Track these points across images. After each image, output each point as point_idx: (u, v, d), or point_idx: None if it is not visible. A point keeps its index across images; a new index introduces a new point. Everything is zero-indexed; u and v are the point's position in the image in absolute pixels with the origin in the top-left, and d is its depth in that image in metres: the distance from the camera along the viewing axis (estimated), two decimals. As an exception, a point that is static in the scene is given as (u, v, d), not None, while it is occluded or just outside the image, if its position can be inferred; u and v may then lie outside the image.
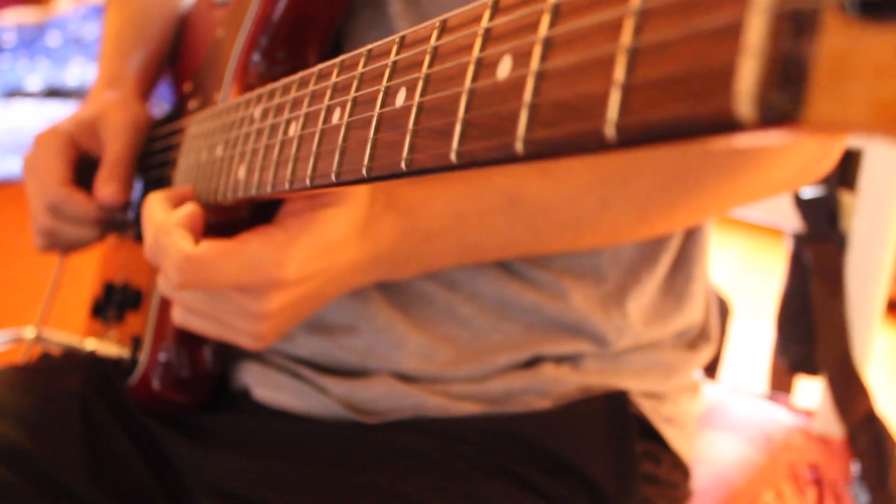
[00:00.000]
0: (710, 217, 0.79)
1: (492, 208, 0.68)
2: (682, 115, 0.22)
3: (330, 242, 0.62)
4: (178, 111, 0.88)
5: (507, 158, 0.30)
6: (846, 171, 0.99)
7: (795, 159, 0.72)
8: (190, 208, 0.63)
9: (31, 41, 2.43)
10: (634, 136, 0.24)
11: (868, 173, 0.97)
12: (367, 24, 0.73)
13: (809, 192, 1.00)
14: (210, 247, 0.60)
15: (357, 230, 0.63)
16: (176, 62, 0.98)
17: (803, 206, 1.01)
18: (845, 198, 0.99)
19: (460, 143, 0.32)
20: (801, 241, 1.04)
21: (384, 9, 0.72)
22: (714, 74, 0.22)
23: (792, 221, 1.02)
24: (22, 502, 0.71)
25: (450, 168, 0.33)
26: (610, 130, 0.25)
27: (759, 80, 0.21)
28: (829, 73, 0.19)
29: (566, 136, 0.26)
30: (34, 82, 2.31)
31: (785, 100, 0.20)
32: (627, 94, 0.24)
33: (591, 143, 0.25)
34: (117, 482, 0.75)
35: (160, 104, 0.98)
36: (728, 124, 0.22)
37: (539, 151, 0.28)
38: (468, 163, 0.32)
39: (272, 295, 0.63)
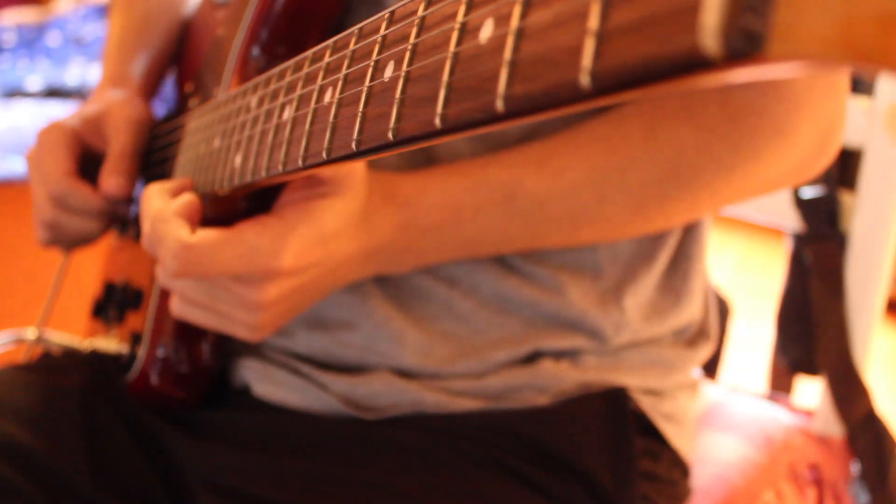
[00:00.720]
0: (707, 212, 0.79)
1: (489, 202, 0.68)
2: (651, 55, 0.23)
3: (327, 233, 0.62)
4: (179, 111, 0.89)
5: (489, 118, 0.30)
6: (846, 171, 0.98)
7: (791, 155, 0.72)
8: (187, 198, 0.64)
9: (31, 41, 2.44)
10: (608, 83, 0.24)
11: (868, 173, 0.97)
12: (366, 18, 0.73)
13: (809, 191, 1.00)
14: (206, 235, 0.61)
15: (354, 221, 0.64)
16: (179, 65, 0.98)
17: (803, 205, 1.01)
18: (845, 198, 0.99)
19: (444, 106, 0.33)
20: (801, 241, 1.03)
21: (382, 3, 0.72)
22: (681, 12, 0.22)
23: (792, 221, 1.02)
24: (23, 499, 0.71)
25: (435, 134, 0.34)
26: (585, 78, 0.25)
27: (723, 11, 0.21)
28: (789, 2, 0.20)
29: (544, 89, 0.27)
30: (34, 82, 2.32)
31: (748, 32, 0.21)
32: (601, 42, 0.25)
33: (568, 93, 0.26)
34: (118, 478, 0.75)
35: (163, 106, 0.98)
36: (696, 61, 0.22)
37: (519, 108, 0.28)
38: (452, 126, 0.32)
39: (269, 285, 0.63)
